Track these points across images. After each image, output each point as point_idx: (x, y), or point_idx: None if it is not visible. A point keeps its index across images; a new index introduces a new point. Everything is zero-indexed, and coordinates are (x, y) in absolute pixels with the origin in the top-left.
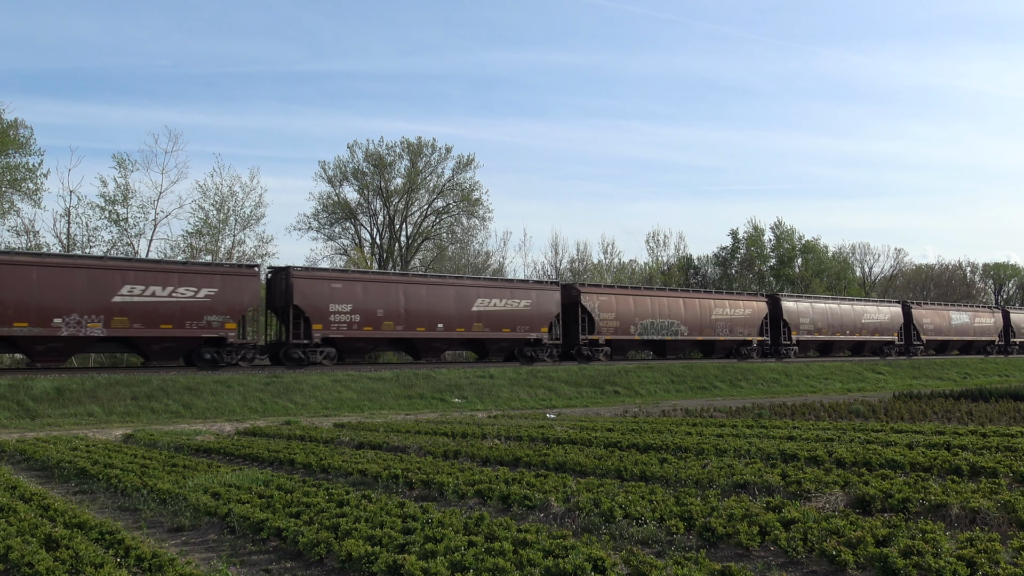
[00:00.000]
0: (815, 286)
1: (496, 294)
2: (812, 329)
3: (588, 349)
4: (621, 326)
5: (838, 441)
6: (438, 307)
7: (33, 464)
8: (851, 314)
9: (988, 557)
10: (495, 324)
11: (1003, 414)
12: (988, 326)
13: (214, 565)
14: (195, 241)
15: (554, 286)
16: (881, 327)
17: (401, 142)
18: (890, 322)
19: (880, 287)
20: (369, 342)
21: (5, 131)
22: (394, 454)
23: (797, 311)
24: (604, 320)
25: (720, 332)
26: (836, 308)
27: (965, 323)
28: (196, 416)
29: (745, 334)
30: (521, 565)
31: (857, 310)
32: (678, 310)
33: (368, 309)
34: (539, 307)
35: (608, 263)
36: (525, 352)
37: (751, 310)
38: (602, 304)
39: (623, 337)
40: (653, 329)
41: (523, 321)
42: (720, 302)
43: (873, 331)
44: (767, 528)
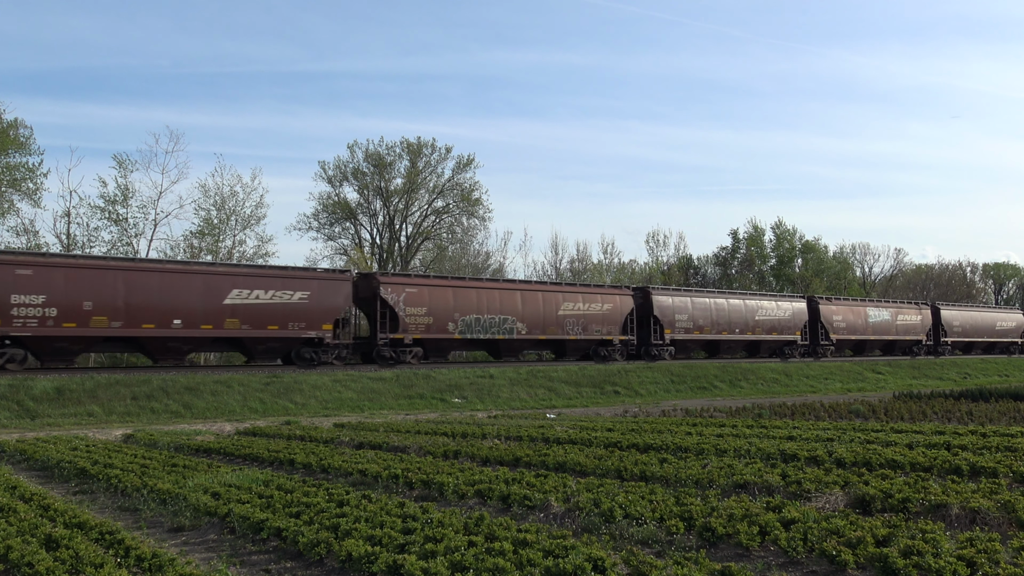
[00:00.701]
0: (815, 286)
1: (259, 284)
2: (691, 327)
3: (390, 350)
4: (436, 323)
5: (838, 441)
6: (177, 300)
7: (33, 464)
8: (741, 310)
9: (988, 557)
10: (257, 320)
11: (1003, 414)
12: (913, 324)
13: (214, 565)
14: (196, 241)
15: (343, 275)
16: (780, 325)
17: (401, 142)
18: (791, 319)
19: (880, 287)
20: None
21: (5, 131)
22: (394, 454)
23: (672, 307)
24: (412, 316)
25: (570, 330)
26: (723, 303)
27: (885, 321)
28: (196, 416)
29: (604, 333)
30: (521, 565)
31: (750, 305)
32: (513, 304)
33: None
34: (321, 300)
35: (608, 263)
36: (303, 354)
37: (612, 305)
38: (409, 297)
39: (439, 336)
40: (480, 327)
41: (298, 317)
42: (571, 296)
43: (770, 329)
44: (767, 528)
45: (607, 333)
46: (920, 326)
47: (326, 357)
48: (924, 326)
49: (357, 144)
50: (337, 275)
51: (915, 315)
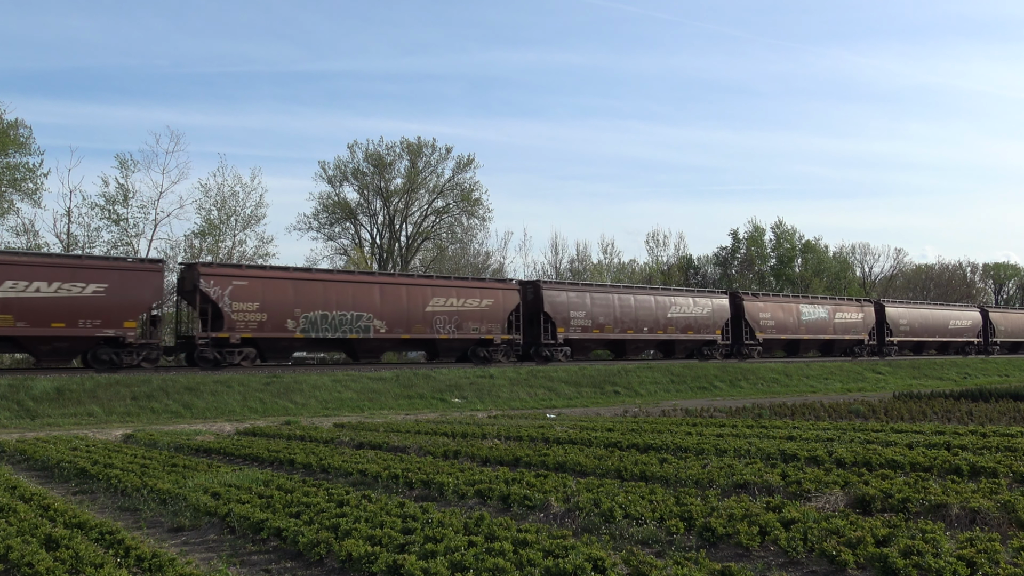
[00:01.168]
0: (815, 286)
1: (39, 276)
2: (589, 325)
3: (213, 351)
4: (271, 320)
5: (838, 441)
6: None
7: (33, 464)
8: (650, 306)
9: (988, 557)
10: (38, 317)
11: (1003, 414)
12: (853, 323)
13: (214, 565)
14: (197, 241)
15: (152, 265)
16: (698, 323)
17: (401, 142)
18: (711, 317)
19: (880, 287)
20: None
21: (5, 131)
22: (394, 454)
23: (567, 303)
24: (240, 312)
25: (441, 329)
26: (628, 300)
27: (822, 319)
28: (196, 416)
29: (483, 331)
30: (521, 565)
31: (662, 302)
32: (370, 299)
33: None
34: (122, 294)
35: (608, 263)
36: (100, 355)
37: (493, 300)
38: (237, 291)
39: (276, 335)
40: (327, 325)
41: (91, 313)
42: (443, 290)
43: (685, 328)
44: (767, 528)
45: (487, 332)
46: (862, 324)
47: (130, 359)
48: (866, 325)
49: (357, 144)
50: (144, 265)
51: (855, 312)
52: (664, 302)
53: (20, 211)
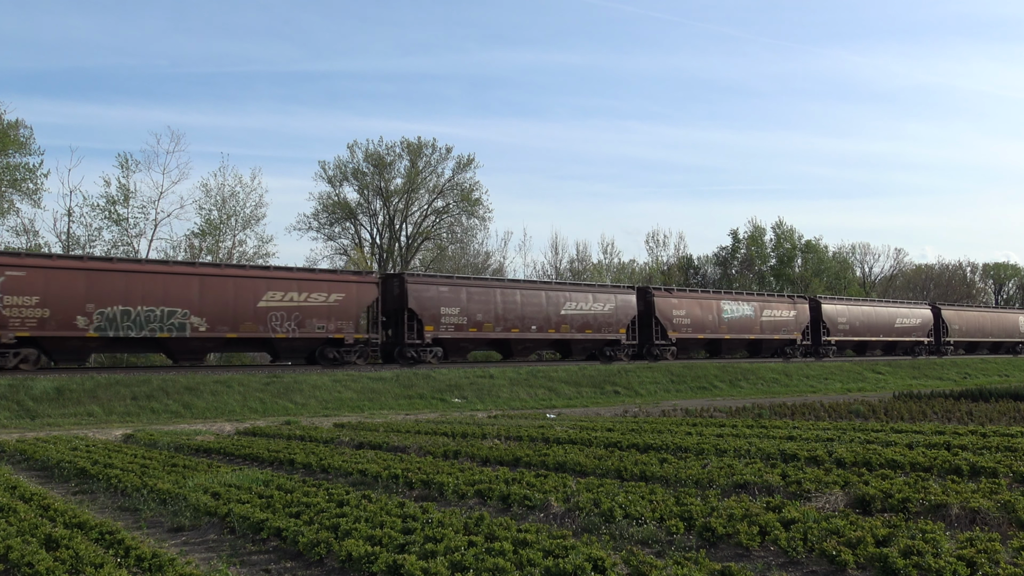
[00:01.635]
0: (815, 286)
1: None
2: (464, 323)
3: None
4: (55, 316)
5: (838, 441)
6: None
7: (33, 464)
8: (540, 303)
9: (988, 557)
10: None
11: (1003, 414)
12: (784, 321)
13: (214, 565)
14: (197, 241)
15: None
16: (599, 321)
17: (401, 142)
18: (614, 315)
19: (880, 287)
20: None
21: (5, 131)
22: (394, 454)
23: (436, 298)
24: (15, 307)
25: (279, 327)
26: (514, 295)
27: (747, 317)
28: (196, 416)
29: (332, 330)
30: (521, 565)
31: (554, 298)
32: (186, 294)
33: None
34: None
35: (608, 263)
36: None
37: (344, 295)
38: (11, 283)
39: (61, 333)
40: (131, 322)
41: None
42: (281, 283)
43: (582, 326)
44: (767, 528)
45: (336, 330)
46: (794, 323)
47: None
48: (799, 323)
49: (357, 144)
50: None
51: (787, 310)
52: (557, 298)
53: (20, 211)
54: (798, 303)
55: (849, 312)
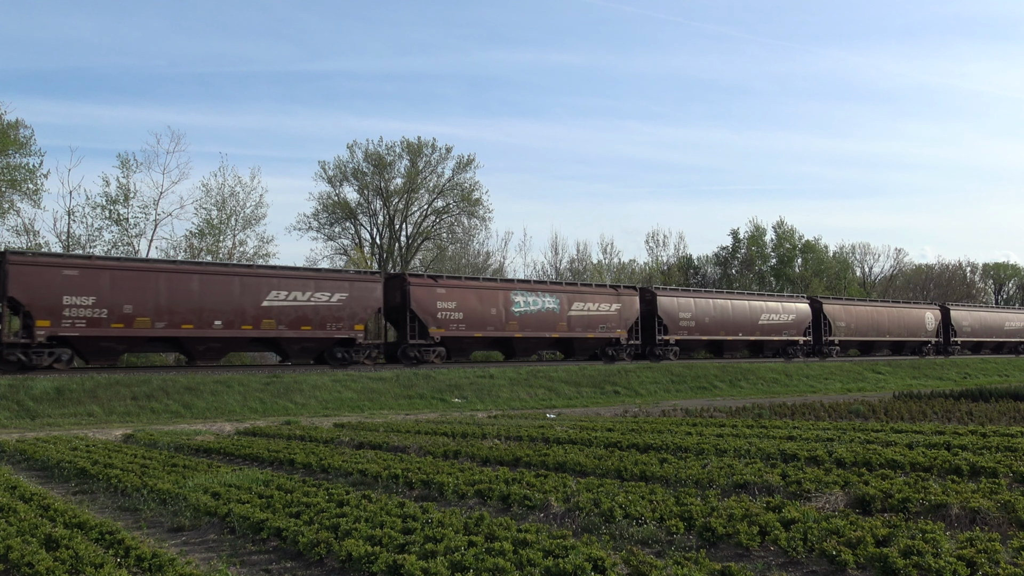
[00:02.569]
0: (815, 286)
1: None
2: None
3: None
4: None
5: (838, 441)
6: None
7: (33, 464)
8: None
9: (988, 557)
10: None
11: (1003, 414)
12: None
13: (214, 565)
14: (197, 241)
15: None
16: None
17: (401, 142)
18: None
19: (880, 287)
20: None
21: (5, 131)
22: (394, 454)
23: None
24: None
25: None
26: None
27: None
28: (196, 416)
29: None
30: (521, 565)
31: None
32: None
33: None
34: None
35: (608, 263)
36: None
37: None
38: None
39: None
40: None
41: None
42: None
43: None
44: (767, 528)
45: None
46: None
47: None
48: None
49: (357, 144)
50: None
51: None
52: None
53: (21, 211)
54: (623, 295)
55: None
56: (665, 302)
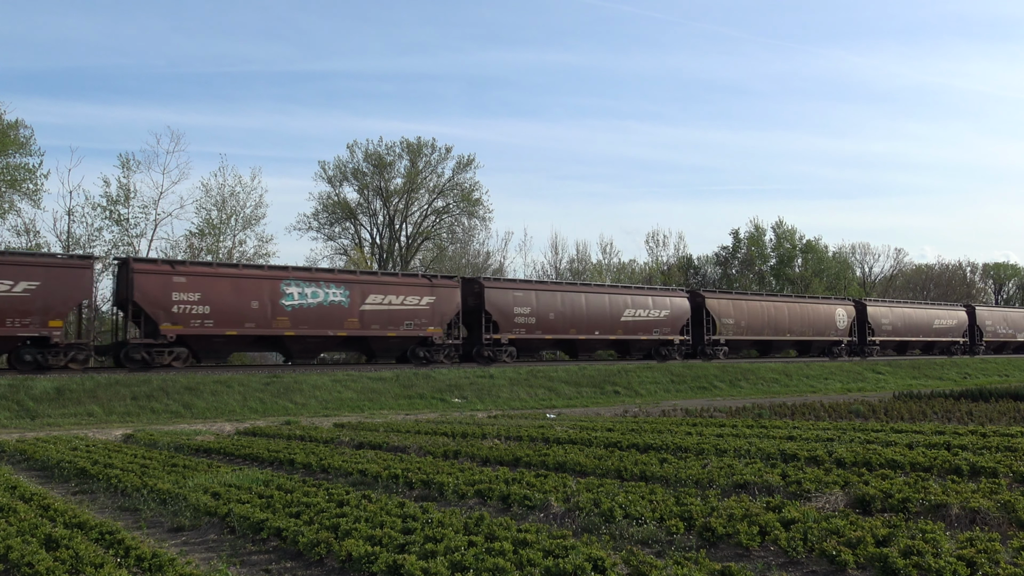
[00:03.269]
0: (815, 286)
1: None
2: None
3: None
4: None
5: (838, 441)
6: None
7: (33, 464)
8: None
9: (988, 557)
10: None
11: (1003, 414)
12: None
13: (214, 565)
14: (197, 241)
15: None
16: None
17: (401, 142)
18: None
19: (880, 287)
20: None
21: (5, 131)
22: (394, 454)
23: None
24: None
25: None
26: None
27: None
28: (196, 416)
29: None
30: (521, 565)
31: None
32: None
33: None
34: None
35: (607, 263)
36: None
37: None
38: None
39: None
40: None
41: None
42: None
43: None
44: (767, 528)
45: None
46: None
47: None
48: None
49: (357, 144)
50: None
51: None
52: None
53: (21, 211)
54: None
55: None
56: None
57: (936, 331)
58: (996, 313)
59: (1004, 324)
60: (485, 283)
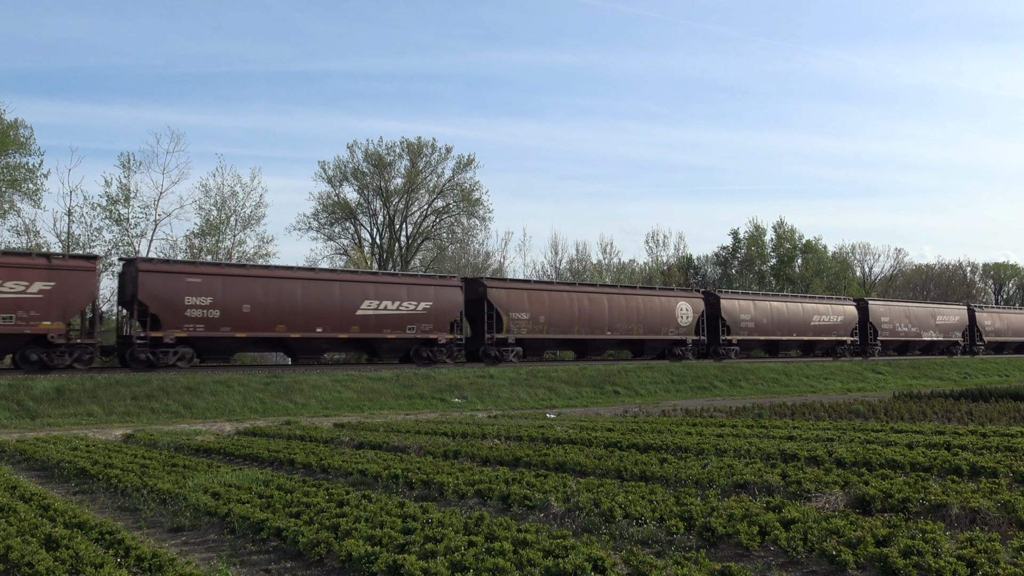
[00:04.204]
0: (815, 286)
1: None
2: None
3: None
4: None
5: (838, 441)
6: None
7: (33, 464)
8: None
9: (988, 557)
10: None
11: (1003, 414)
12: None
13: (214, 565)
14: (197, 241)
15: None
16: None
17: (401, 142)
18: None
19: (880, 287)
20: None
21: (5, 131)
22: (394, 454)
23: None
24: None
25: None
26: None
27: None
28: (196, 416)
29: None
30: (521, 565)
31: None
32: None
33: None
34: None
35: (607, 263)
36: None
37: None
38: None
39: None
40: None
41: None
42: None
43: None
44: (767, 528)
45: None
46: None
47: None
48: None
49: (357, 144)
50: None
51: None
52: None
53: (21, 211)
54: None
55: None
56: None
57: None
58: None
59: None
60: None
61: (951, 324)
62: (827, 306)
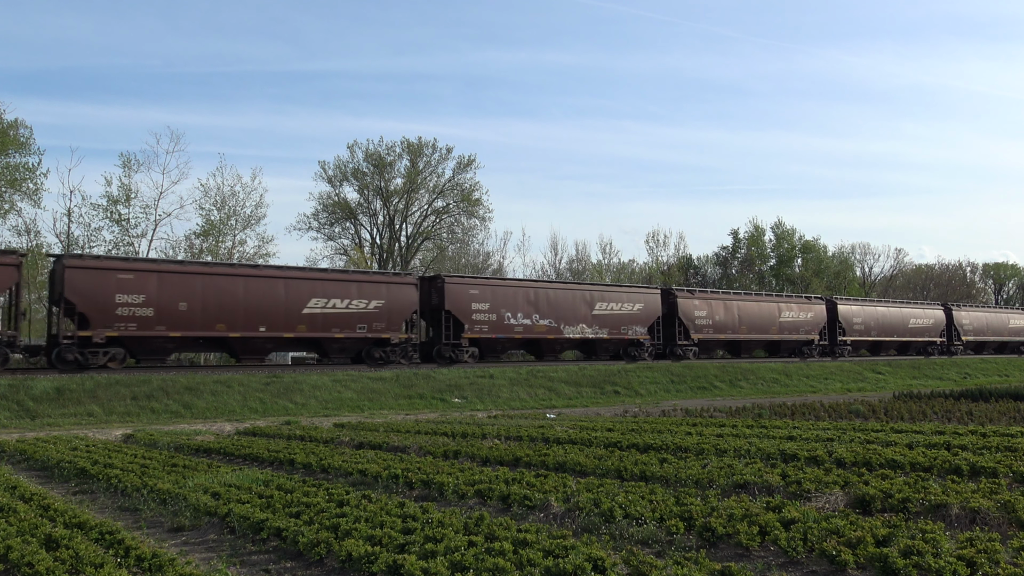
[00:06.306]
0: (815, 286)
1: None
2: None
3: None
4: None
5: (838, 441)
6: None
7: (33, 464)
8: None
9: (988, 557)
10: None
11: (1003, 414)
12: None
13: (214, 565)
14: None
15: None
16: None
17: (401, 142)
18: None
19: (880, 287)
20: None
21: (5, 131)
22: (394, 454)
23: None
24: None
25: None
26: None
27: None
28: (196, 416)
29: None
30: (521, 565)
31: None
32: None
33: None
34: None
35: (607, 263)
36: None
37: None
38: None
39: None
40: None
41: None
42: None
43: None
44: (767, 528)
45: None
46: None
47: None
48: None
49: (357, 144)
50: None
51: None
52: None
53: (21, 211)
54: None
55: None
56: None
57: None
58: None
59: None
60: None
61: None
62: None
